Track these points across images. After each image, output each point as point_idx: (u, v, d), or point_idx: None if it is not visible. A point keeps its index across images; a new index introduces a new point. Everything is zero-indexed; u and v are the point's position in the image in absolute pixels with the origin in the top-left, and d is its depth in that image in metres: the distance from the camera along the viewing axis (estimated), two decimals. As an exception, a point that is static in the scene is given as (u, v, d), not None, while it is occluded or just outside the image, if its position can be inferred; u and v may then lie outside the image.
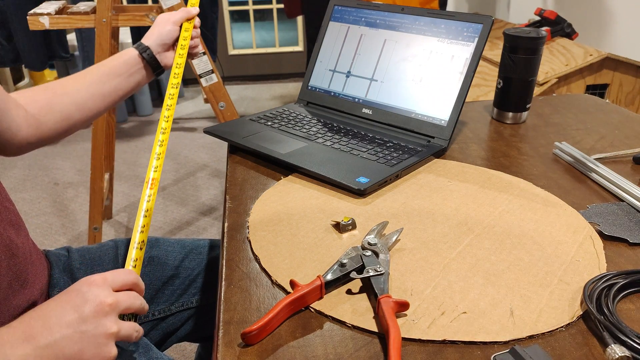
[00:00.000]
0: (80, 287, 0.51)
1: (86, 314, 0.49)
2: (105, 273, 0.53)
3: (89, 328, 0.49)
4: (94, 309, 0.49)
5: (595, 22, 2.28)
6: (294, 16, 2.55)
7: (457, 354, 0.48)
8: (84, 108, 0.81)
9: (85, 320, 0.49)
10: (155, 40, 0.88)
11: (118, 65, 0.85)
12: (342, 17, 1.03)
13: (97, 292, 0.50)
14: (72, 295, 0.50)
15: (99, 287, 0.51)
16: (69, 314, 0.49)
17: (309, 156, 0.84)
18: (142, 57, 0.87)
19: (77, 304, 0.49)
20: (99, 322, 0.49)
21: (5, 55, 2.65)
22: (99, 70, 0.84)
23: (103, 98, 0.83)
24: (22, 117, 0.75)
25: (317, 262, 0.61)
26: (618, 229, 0.66)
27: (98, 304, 0.50)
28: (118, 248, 0.85)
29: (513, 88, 1.01)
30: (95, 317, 0.49)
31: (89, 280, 0.51)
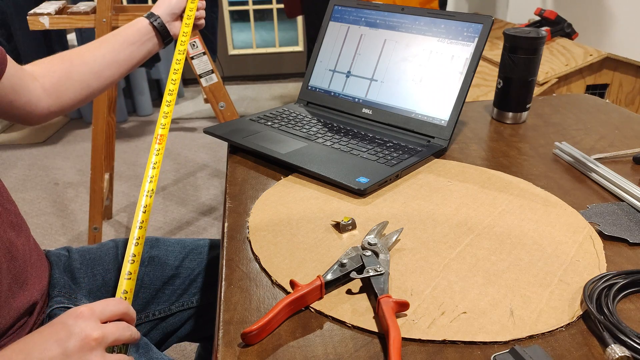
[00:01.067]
0: (66, 319, 0.49)
1: (70, 349, 0.47)
2: (93, 304, 0.51)
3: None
4: (79, 344, 0.47)
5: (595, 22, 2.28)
6: (294, 16, 2.55)
7: (457, 354, 0.48)
8: (101, 76, 0.85)
9: (69, 356, 0.47)
10: (165, 10, 0.91)
11: (132, 33, 0.88)
12: (342, 17, 1.03)
13: (83, 325, 0.48)
14: (57, 328, 0.48)
15: (86, 320, 0.48)
16: (53, 348, 0.47)
17: (309, 156, 0.84)
18: (153, 25, 0.90)
19: (61, 338, 0.47)
20: (83, 358, 0.47)
21: (5, 55, 2.65)
22: (114, 39, 0.87)
23: (119, 66, 0.87)
24: (40, 89, 0.77)
25: (317, 262, 0.61)
26: (618, 229, 0.66)
27: (83, 339, 0.47)
28: (118, 248, 0.86)
29: (513, 88, 1.01)
30: (80, 352, 0.47)
31: (76, 312, 0.49)
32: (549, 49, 1.97)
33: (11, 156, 2.78)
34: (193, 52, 1.64)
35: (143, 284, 0.84)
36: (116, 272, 0.82)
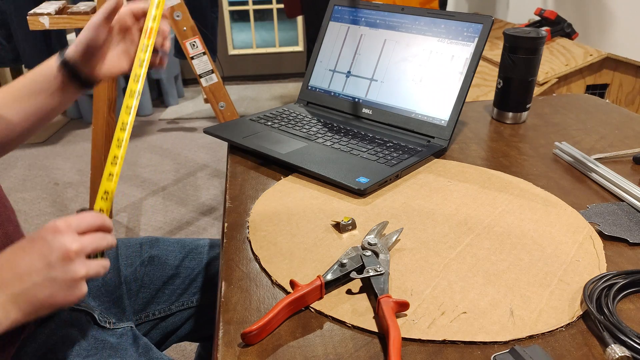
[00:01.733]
0: (45, 235, 0.51)
1: (53, 261, 0.50)
2: (69, 217, 0.53)
3: (58, 274, 0.50)
4: (60, 257, 0.50)
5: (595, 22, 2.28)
6: (294, 16, 2.55)
7: (457, 354, 0.48)
8: (11, 126, 0.71)
9: (52, 267, 0.50)
10: (74, 48, 0.69)
11: (39, 81, 0.71)
12: (342, 17, 1.03)
13: (61, 239, 0.51)
14: (38, 243, 0.51)
15: (64, 234, 0.51)
16: (37, 262, 0.50)
17: (309, 156, 0.84)
18: (62, 68, 0.70)
19: (43, 252, 0.50)
20: (66, 269, 0.51)
21: (5, 55, 2.65)
22: (21, 86, 0.72)
23: (27, 117, 0.72)
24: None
25: (317, 262, 0.61)
26: (618, 229, 0.66)
27: (63, 252, 0.50)
28: (118, 248, 0.85)
29: (513, 88, 1.01)
30: (62, 264, 0.51)
31: (54, 227, 0.51)
32: (549, 49, 1.97)
33: (11, 156, 2.78)
34: (193, 52, 1.64)
35: (143, 283, 0.84)
36: (115, 272, 0.82)
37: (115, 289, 0.81)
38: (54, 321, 0.68)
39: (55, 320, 0.68)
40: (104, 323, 0.73)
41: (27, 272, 0.50)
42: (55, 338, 0.67)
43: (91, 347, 0.68)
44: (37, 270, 0.50)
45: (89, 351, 0.67)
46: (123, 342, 0.71)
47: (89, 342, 0.68)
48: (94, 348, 0.68)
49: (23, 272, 0.50)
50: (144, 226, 2.13)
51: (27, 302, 0.50)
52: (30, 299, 0.50)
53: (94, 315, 0.72)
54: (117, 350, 0.69)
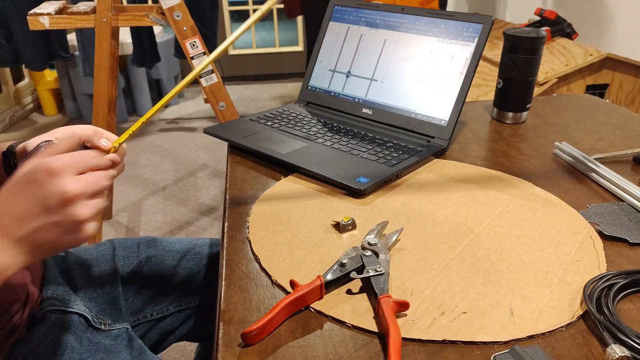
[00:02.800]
0: (40, 177, 0.48)
1: (52, 206, 0.47)
2: (65, 156, 0.49)
3: (59, 219, 0.48)
4: (59, 201, 0.47)
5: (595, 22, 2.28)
6: (294, 16, 2.55)
7: (457, 354, 0.48)
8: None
9: (52, 212, 0.48)
10: (23, 148, 0.65)
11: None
12: (342, 17, 1.03)
13: (58, 182, 0.48)
14: (32, 187, 0.48)
15: (60, 176, 0.48)
16: (35, 207, 0.47)
17: (309, 156, 0.84)
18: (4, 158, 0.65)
19: (39, 197, 0.47)
20: (67, 212, 0.48)
21: (5, 55, 2.65)
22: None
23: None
24: None
25: (317, 262, 0.61)
26: (618, 229, 0.66)
27: (62, 196, 0.47)
28: (115, 249, 0.85)
29: (513, 88, 1.01)
30: (62, 208, 0.48)
31: (49, 168, 0.47)
32: (549, 49, 1.97)
33: (11, 156, 2.78)
34: (193, 52, 1.64)
35: (140, 284, 0.84)
36: (112, 273, 0.82)
37: (112, 290, 0.80)
38: (45, 324, 0.67)
39: (47, 324, 0.68)
40: (98, 324, 0.73)
41: (26, 217, 0.48)
42: (47, 341, 0.66)
43: (84, 350, 0.67)
44: (37, 216, 0.48)
45: (81, 354, 0.66)
46: (117, 344, 0.71)
47: (82, 345, 0.67)
48: (87, 351, 0.67)
49: (22, 217, 0.48)
50: (144, 226, 2.13)
51: (32, 245, 0.49)
52: (35, 242, 0.49)
53: (87, 317, 0.72)
54: (110, 353, 0.68)
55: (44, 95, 3.29)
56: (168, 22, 1.60)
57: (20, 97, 3.31)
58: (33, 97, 3.42)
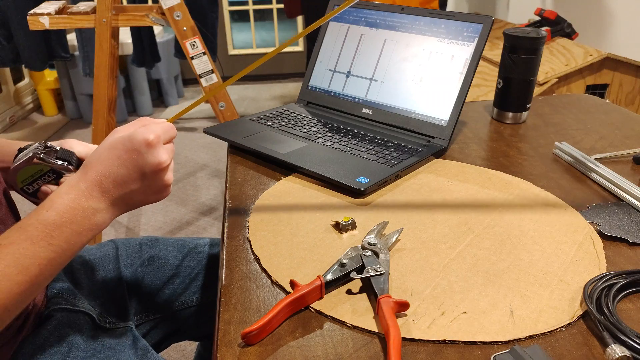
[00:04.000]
0: (139, 147, 0.55)
1: (148, 173, 0.56)
2: (156, 130, 0.57)
3: (151, 183, 0.57)
4: (154, 169, 0.56)
5: (595, 22, 2.28)
6: (294, 16, 2.55)
7: (457, 354, 0.48)
8: None
9: (147, 177, 0.57)
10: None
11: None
12: (342, 17, 1.03)
13: (156, 154, 0.56)
14: (134, 156, 0.55)
15: (156, 148, 0.56)
16: (134, 174, 0.56)
17: (309, 156, 0.84)
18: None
19: (139, 165, 0.56)
20: (158, 177, 0.57)
21: (5, 55, 2.65)
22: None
23: None
24: None
25: (317, 262, 0.61)
26: (618, 229, 0.66)
27: (157, 165, 0.56)
28: (118, 249, 0.85)
29: (513, 88, 1.01)
30: (156, 174, 0.57)
31: (147, 140, 0.55)
32: (549, 49, 1.97)
33: (11, 156, 2.78)
34: (193, 52, 1.64)
35: (143, 284, 0.84)
36: (116, 273, 0.82)
37: (116, 289, 0.81)
38: (52, 322, 0.68)
39: (54, 322, 0.68)
40: (103, 323, 0.73)
41: (124, 181, 0.56)
42: (53, 339, 0.66)
43: (89, 348, 0.68)
44: (134, 180, 0.56)
45: (86, 352, 0.67)
46: (122, 343, 0.71)
47: (87, 343, 0.68)
48: (92, 349, 0.68)
49: (121, 181, 0.56)
50: (144, 226, 2.13)
51: (124, 204, 0.58)
52: (127, 202, 0.57)
53: (93, 316, 0.72)
54: (115, 351, 0.69)
55: (44, 95, 3.29)
56: (168, 22, 1.60)
57: (20, 97, 3.31)
58: (33, 97, 3.42)
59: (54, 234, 0.52)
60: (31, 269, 0.50)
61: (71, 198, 0.54)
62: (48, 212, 0.53)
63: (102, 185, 0.55)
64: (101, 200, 0.55)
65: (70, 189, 0.55)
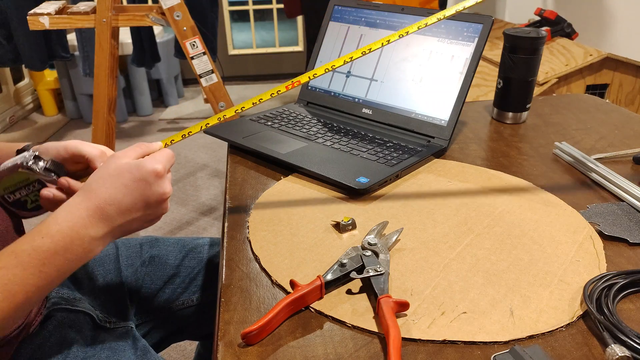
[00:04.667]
0: (148, 177, 0.56)
1: (152, 203, 0.57)
2: (162, 160, 0.57)
3: (151, 212, 0.58)
4: (157, 200, 0.57)
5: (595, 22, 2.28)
6: (294, 16, 2.55)
7: (457, 354, 0.48)
8: None
9: (150, 206, 0.57)
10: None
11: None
12: (342, 17, 1.03)
13: (162, 184, 0.57)
14: (142, 185, 0.56)
15: (163, 178, 0.57)
16: (139, 203, 0.56)
17: (309, 156, 0.84)
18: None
19: (146, 195, 0.56)
20: (159, 208, 0.58)
21: (5, 55, 2.65)
22: None
23: None
24: None
25: (317, 262, 0.61)
26: (618, 229, 0.66)
27: (161, 195, 0.57)
28: (118, 249, 0.85)
29: (513, 88, 1.01)
30: (158, 205, 0.58)
31: (155, 171, 0.56)
32: (549, 49, 1.97)
33: (11, 156, 2.78)
34: (193, 52, 1.64)
35: (144, 283, 0.84)
36: (116, 273, 0.82)
37: (116, 289, 0.81)
38: (52, 323, 0.68)
39: (54, 322, 0.68)
40: (103, 323, 0.73)
41: (128, 210, 0.55)
42: (53, 340, 0.66)
43: (89, 348, 0.68)
44: (138, 209, 0.56)
45: (86, 352, 0.67)
46: (122, 343, 0.71)
47: (87, 343, 0.68)
48: (93, 349, 0.68)
49: (125, 209, 0.55)
50: (144, 226, 2.13)
51: (121, 232, 0.57)
52: (125, 230, 0.57)
53: (93, 316, 0.72)
54: (115, 351, 0.69)
55: (44, 95, 3.29)
56: (168, 22, 1.60)
57: (20, 97, 3.31)
58: (33, 97, 3.42)
59: (47, 261, 0.51)
60: (18, 296, 0.49)
61: (69, 225, 0.52)
62: (43, 240, 0.51)
63: (105, 213, 0.54)
64: (101, 228, 0.54)
65: (69, 215, 0.53)
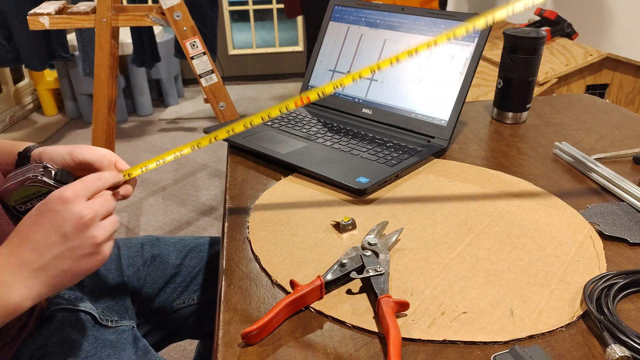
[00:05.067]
0: (54, 206, 0.50)
1: (69, 232, 0.50)
2: (75, 185, 0.52)
3: (76, 243, 0.50)
4: (74, 227, 0.50)
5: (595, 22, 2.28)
6: (294, 16, 2.54)
7: (457, 354, 0.48)
8: None
9: (69, 238, 0.50)
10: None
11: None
12: (342, 17, 1.03)
13: (72, 209, 0.50)
14: (49, 216, 0.50)
15: (73, 203, 0.50)
16: (53, 235, 0.50)
17: (309, 156, 0.84)
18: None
19: (57, 224, 0.50)
20: (83, 236, 0.50)
21: (5, 55, 2.65)
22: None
23: None
24: None
25: (317, 262, 0.61)
26: (618, 229, 0.66)
27: (77, 221, 0.50)
28: (120, 248, 0.86)
29: (513, 88, 1.01)
30: (79, 232, 0.50)
31: (62, 197, 0.50)
32: (549, 49, 1.97)
33: (11, 156, 2.78)
34: (193, 52, 1.64)
35: (145, 283, 0.84)
36: (118, 272, 0.82)
37: (118, 288, 0.81)
38: (53, 322, 0.68)
39: (55, 322, 0.68)
40: (105, 322, 0.73)
41: (44, 246, 0.50)
42: (55, 339, 0.67)
43: (91, 348, 0.68)
44: (54, 243, 0.50)
45: (88, 352, 0.67)
46: (122, 341, 0.71)
47: (88, 342, 0.68)
48: (94, 348, 0.68)
49: (40, 246, 0.50)
50: (144, 226, 2.13)
51: (50, 275, 0.50)
52: (53, 271, 0.50)
53: (94, 315, 0.72)
54: (116, 350, 0.69)
55: (44, 95, 3.29)
56: (168, 22, 1.60)
57: (20, 97, 3.31)
58: (33, 97, 3.42)
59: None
60: None
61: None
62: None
63: (19, 254, 0.49)
64: (16, 272, 0.49)
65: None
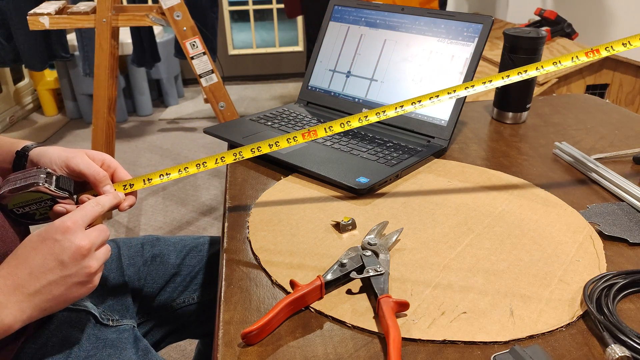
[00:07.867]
0: (54, 235, 0.53)
1: (67, 261, 0.52)
2: (74, 215, 0.55)
3: (72, 272, 0.53)
4: (72, 256, 0.52)
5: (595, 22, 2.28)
6: (294, 16, 2.55)
7: (457, 354, 0.48)
8: None
9: (66, 266, 0.53)
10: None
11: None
12: (342, 17, 1.03)
13: (72, 238, 0.53)
14: (49, 243, 0.53)
15: (73, 232, 0.53)
16: (51, 262, 0.52)
17: (309, 156, 0.84)
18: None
19: (55, 252, 0.52)
20: (79, 265, 0.53)
21: (5, 55, 2.65)
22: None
23: None
24: None
25: (317, 262, 0.61)
26: (618, 229, 0.66)
27: (75, 250, 0.52)
28: (120, 248, 0.86)
29: (513, 88, 1.01)
30: (75, 261, 0.53)
31: (63, 227, 0.53)
32: (549, 49, 1.97)
33: (11, 156, 2.78)
34: (193, 52, 1.64)
35: (146, 282, 0.84)
36: (118, 272, 0.82)
37: (119, 288, 0.81)
38: (53, 322, 0.68)
39: (55, 322, 0.69)
40: (106, 321, 0.74)
41: (41, 272, 0.52)
42: (55, 339, 0.67)
43: (91, 347, 0.68)
44: (52, 270, 0.52)
45: (89, 351, 0.67)
46: (123, 340, 0.71)
47: (89, 342, 0.68)
48: (94, 348, 0.68)
49: (37, 272, 0.52)
50: (144, 226, 2.13)
51: (42, 299, 0.53)
52: (46, 296, 0.53)
53: (95, 314, 0.72)
54: (117, 349, 0.69)
55: (44, 95, 3.29)
56: (168, 22, 1.60)
57: (20, 97, 3.31)
58: (33, 97, 3.42)
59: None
60: None
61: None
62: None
63: (16, 277, 0.51)
64: (12, 294, 0.51)
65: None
